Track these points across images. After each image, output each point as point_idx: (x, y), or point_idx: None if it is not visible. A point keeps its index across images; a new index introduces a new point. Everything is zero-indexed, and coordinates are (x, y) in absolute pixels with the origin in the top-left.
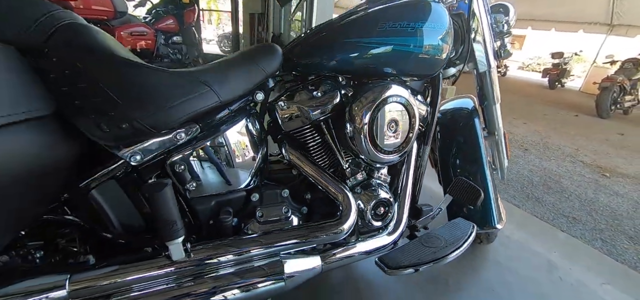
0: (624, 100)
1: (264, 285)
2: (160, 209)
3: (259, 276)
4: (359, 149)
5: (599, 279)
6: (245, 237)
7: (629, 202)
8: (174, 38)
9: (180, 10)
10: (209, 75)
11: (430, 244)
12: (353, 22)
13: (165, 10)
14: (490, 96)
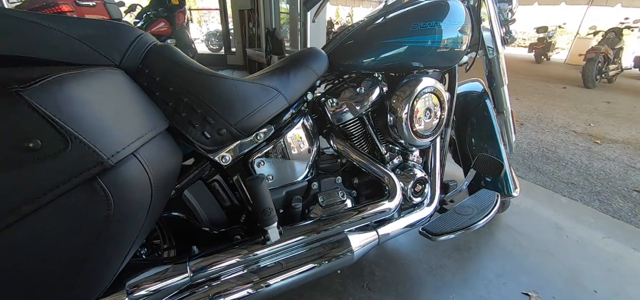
0: (609, 69)
1: (336, 258)
2: (259, 199)
3: (331, 251)
4: (400, 136)
5: (600, 234)
6: (318, 220)
7: (620, 166)
8: (167, 41)
9: (171, 13)
10: (275, 82)
11: (463, 213)
12: (386, 24)
13: (156, 14)
14: (499, 79)
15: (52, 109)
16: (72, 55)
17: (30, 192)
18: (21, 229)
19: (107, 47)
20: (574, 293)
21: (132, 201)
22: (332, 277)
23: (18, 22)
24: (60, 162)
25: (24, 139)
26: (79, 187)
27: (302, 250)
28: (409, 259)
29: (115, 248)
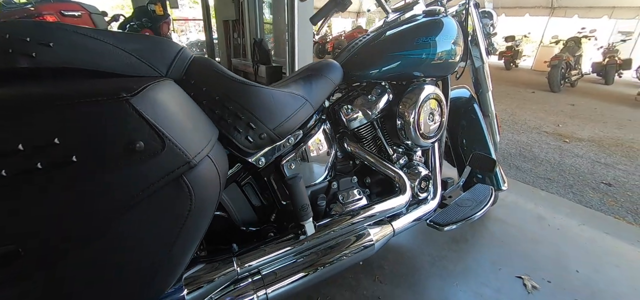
0: (571, 74)
1: (359, 251)
2: (298, 196)
3: (355, 244)
4: (407, 137)
5: (576, 222)
6: (342, 215)
7: (588, 161)
8: None
9: (155, 23)
10: (302, 91)
11: (464, 205)
12: (393, 39)
13: (140, 24)
14: (484, 85)
15: (152, 114)
16: (126, 68)
17: (135, 188)
18: (123, 222)
19: (155, 60)
20: (560, 273)
21: (206, 197)
22: (345, 274)
23: (82, 38)
24: (157, 162)
25: (132, 141)
26: (170, 184)
27: (330, 244)
28: (413, 253)
29: (190, 241)
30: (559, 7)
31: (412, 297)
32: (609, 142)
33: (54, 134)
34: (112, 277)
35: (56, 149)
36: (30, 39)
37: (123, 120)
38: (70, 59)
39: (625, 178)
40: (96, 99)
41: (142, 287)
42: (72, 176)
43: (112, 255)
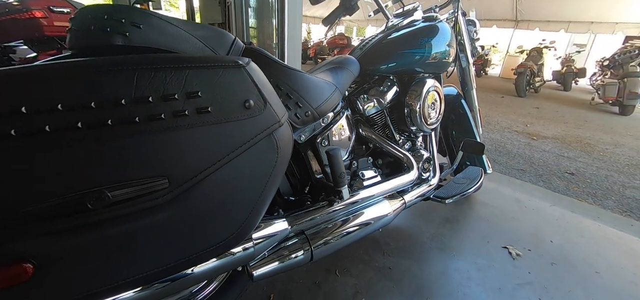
0: (535, 81)
1: (379, 218)
2: (337, 165)
3: (375, 213)
4: (413, 123)
5: (548, 203)
6: (366, 187)
7: (553, 155)
8: None
9: None
10: (332, 79)
11: (460, 183)
12: (402, 39)
13: None
14: (469, 84)
15: (258, 81)
16: (195, 51)
17: (245, 137)
18: (235, 163)
19: (217, 46)
20: (537, 243)
21: (285, 153)
22: (356, 250)
23: (165, 24)
24: (260, 118)
25: (247, 99)
26: (265, 138)
27: (356, 213)
28: (413, 231)
29: (271, 191)
30: (522, 20)
31: (418, 266)
32: (570, 139)
33: (198, 88)
34: (225, 209)
35: (199, 100)
36: (124, 20)
37: (242, 83)
38: (154, 41)
39: (585, 169)
40: (226, 64)
41: (241, 223)
42: (207, 121)
43: (226, 190)
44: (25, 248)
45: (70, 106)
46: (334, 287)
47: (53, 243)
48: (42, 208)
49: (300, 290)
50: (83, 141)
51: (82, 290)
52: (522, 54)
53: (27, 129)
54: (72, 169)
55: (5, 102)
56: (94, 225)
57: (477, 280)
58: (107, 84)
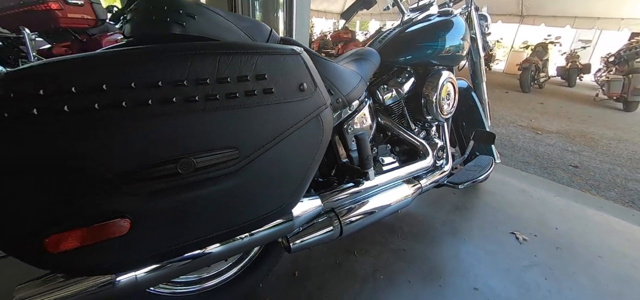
0: (539, 77)
1: (399, 201)
2: (364, 148)
3: (395, 196)
4: (429, 113)
5: (552, 194)
6: (387, 171)
7: (557, 149)
8: None
9: None
10: (358, 69)
11: (471, 170)
12: (419, 32)
13: None
14: (480, 77)
15: (309, 66)
16: (236, 39)
17: (298, 116)
18: (290, 139)
19: (256, 37)
20: (543, 230)
21: (327, 135)
22: (372, 233)
23: (215, 15)
24: (311, 101)
25: (301, 83)
26: (314, 119)
27: (379, 194)
28: (425, 218)
29: (314, 168)
30: (528, 15)
31: (430, 248)
32: (574, 134)
33: (265, 71)
34: (278, 181)
35: (266, 82)
36: (181, 11)
37: (298, 68)
38: (206, 31)
39: (588, 162)
40: (286, 51)
41: (290, 195)
42: (271, 101)
43: (281, 164)
44: (125, 206)
45: (168, 83)
46: (353, 266)
47: (147, 203)
48: (141, 172)
49: (322, 268)
50: (176, 114)
51: (165, 245)
52: (527, 49)
53: (135, 101)
54: (169, 138)
55: (119, 78)
56: (181, 189)
57: (487, 262)
58: (197, 66)
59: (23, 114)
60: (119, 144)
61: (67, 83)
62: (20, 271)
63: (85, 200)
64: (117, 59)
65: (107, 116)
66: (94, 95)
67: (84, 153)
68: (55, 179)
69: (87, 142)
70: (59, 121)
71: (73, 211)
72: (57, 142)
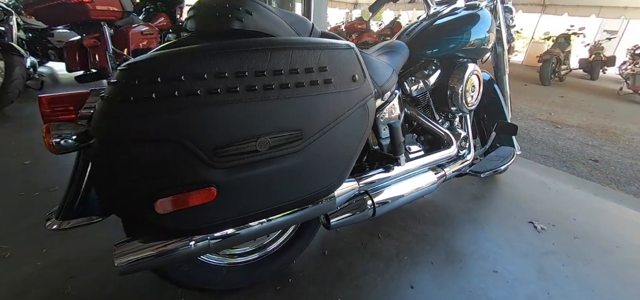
0: (560, 69)
1: (425, 186)
2: (397, 135)
3: (421, 182)
4: (454, 104)
5: (571, 187)
6: (415, 159)
7: (577, 143)
8: (169, 36)
9: (170, 7)
10: (390, 61)
11: (492, 159)
12: (446, 26)
13: (155, 8)
14: (502, 69)
15: (360, 59)
16: (285, 33)
17: (350, 104)
18: (342, 125)
19: (301, 32)
20: (561, 220)
21: (371, 121)
22: (395, 218)
23: (267, 12)
24: (361, 90)
25: (354, 74)
26: (362, 107)
27: (407, 179)
28: (444, 205)
29: (358, 152)
30: (550, 5)
31: (451, 234)
32: (595, 129)
33: (326, 64)
34: (330, 162)
35: (326, 73)
36: (241, 8)
37: (351, 60)
38: (261, 26)
39: (609, 156)
40: (342, 47)
41: (338, 175)
42: (329, 90)
43: (333, 147)
44: (213, 177)
45: (252, 73)
46: (378, 247)
47: (230, 175)
48: (228, 148)
49: (349, 249)
50: (257, 100)
51: (241, 212)
52: (548, 40)
53: (227, 88)
54: (250, 120)
55: (216, 68)
56: (256, 164)
57: (506, 248)
58: (275, 59)
59: (145, 97)
60: (213, 124)
61: (178, 72)
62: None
63: (186, 171)
64: (215, 52)
65: (206, 101)
66: (198, 83)
67: (187, 131)
68: (165, 152)
69: (190, 122)
70: (171, 104)
71: (177, 180)
72: (168, 121)
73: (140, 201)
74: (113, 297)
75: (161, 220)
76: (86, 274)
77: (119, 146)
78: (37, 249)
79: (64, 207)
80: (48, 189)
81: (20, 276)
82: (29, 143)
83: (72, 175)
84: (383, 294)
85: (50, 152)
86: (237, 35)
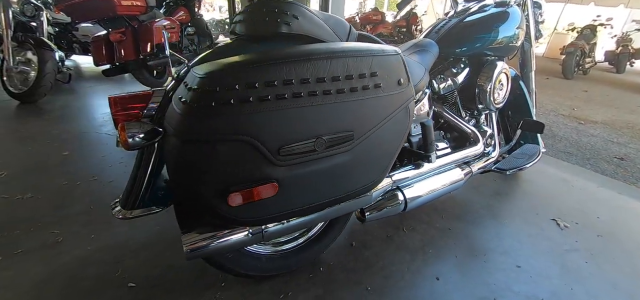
0: (585, 62)
1: (453, 183)
2: (429, 134)
3: (450, 178)
4: (482, 102)
5: (595, 185)
6: (444, 155)
7: (602, 140)
8: (188, 29)
9: (189, 1)
10: (422, 60)
11: (518, 157)
12: (476, 24)
13: (175, 2)
14: (529, 65)
15: (406, 64)
16: (328, 37)
17: (394, 106)
18: (387, 125)
19: (340, 33)
20: (584, 218)
21: (410, 122)
22: (418, 213)
23: (311, 15)
24: (404, 93)
25: (400, 78)
26: (404, 108)
27: (436, 176)
28: (466, 201)
29: (398, 150)
30: None
31: (473, 229)
32: (621, 125)
33: (376, 70)
34: (375, 160)
35: (377, 78)
36: (288, 13)
37: (398, 66)
38: (306, 30)
39: (635, 155)
40: (391, 53)
41: (380, 172)
42: (379, 94)
43: (378, 146)
44: (276, 174)
45: (315, 79)
46: (403, 240)
47: (290, 172)
48: (290, 147)
49: (375, 241)
50: (317, 104)
51: (297, 205)
52: (572, 31)
53: (292, 93)
54: (310, 122)
55: (283, 75)
56: (312, 162)
57: (528, 244)
58: (334, 66)
59: (224, 103)
60: (279, 126)
61: (254, 80)
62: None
63: (254, 168)
64: (284, 61)
65: (275, 105)
66: (269, 89)
67: (257, 133)
68: (237, 151)
69: (260, 124)
70: (246, 108)
71: (246, 176)
72: (243, 123)
73: (216, 195)
74: (159, 279)
75: (232, 212)
76: (132, 259)
77: (199, 146)
78: (85, 234)
79: (129, 198)
80: (88, 179)
81: (73, 259)
82: (65, 134)
83: (135, 169)
84: (410, 285)
85: (124, 148)
86: (284, 38)
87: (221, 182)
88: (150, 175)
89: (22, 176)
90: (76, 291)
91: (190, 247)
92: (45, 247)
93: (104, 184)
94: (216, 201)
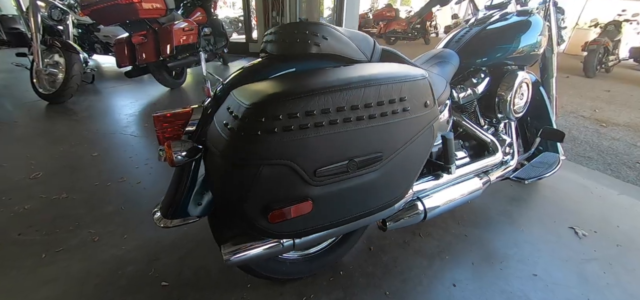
0: (608, 60)
1: (472, 191)
2: (450, 147)
3: (468, 187)
4: (501, 112)
5: (615, 191)
6: (463, 165)
7: (624, 144)
8: (205, 30)
9: (205, 2)
10: (442, 73)
11: (537, 166)
12: (498, 33)
13: (192, 3)
14: (550, 71)
15: (432, 86)
16: (354, 54)
17: (421, 126)
18: (414, 143)
19: (365, 50)
20: (603, 227)
21: (434, 140)
22: (435, 220)
23: (339, 34)
24: (430, 114)
25: (426, 100)
26: (428, 128)
27: (454, 186)
28: (482, 208)
29: (421, 167)
30: None
31: (490, 235)
32: None
33: (405, 94)
34: (400, 177)
35: (405, 102)
36: (318, 34)
37: (425, 89)
38: (335, 49)
39: None
40: (419, 78)
41: (405, 187)
42: (406, 117)
43: (404, 164)
44: (311, 193)
45: (350, 107)
46: (420, 245)
47: (322, 190)
48: (324, 169)
49: (393, 246)
50: (351, 130)
51: (329, 219)
52: (595, 27)
53: (330, 120)
54: (344, 146)
55: (322, 104)
56: (344, 181)
57: (545, 252)
58: (366, 93)
59: (269, 131)
60: (316, 150)
61: (295, 110)
62: None
63: (293, 189)
64: (321, 92)
65: (313, 132)
66: (308, 118)
67: (296, 157)
68: (279, 173)
69: (299, 149)
70: (288, 136)
71: (286, 196)
72: (285, 149)
73: (258, 212)
74: (191, 278)
75: (271, 227)
76: (164, 259)
77: (246, 169)
78: (118, 233)
79: (170, 208)
80: (117, 180)
81: (110, 257)
82: (93, 134)
83: (175, 182)
84: (428, 290)
85: (170, 165)
86: (313, 58)
87: (263, 200)
88: (190, 188)
89: (57, 176)
90: (114, 288)
91: (231, 257)
92: (84, 245)
93: (133, 185)
94: (258, 217)
